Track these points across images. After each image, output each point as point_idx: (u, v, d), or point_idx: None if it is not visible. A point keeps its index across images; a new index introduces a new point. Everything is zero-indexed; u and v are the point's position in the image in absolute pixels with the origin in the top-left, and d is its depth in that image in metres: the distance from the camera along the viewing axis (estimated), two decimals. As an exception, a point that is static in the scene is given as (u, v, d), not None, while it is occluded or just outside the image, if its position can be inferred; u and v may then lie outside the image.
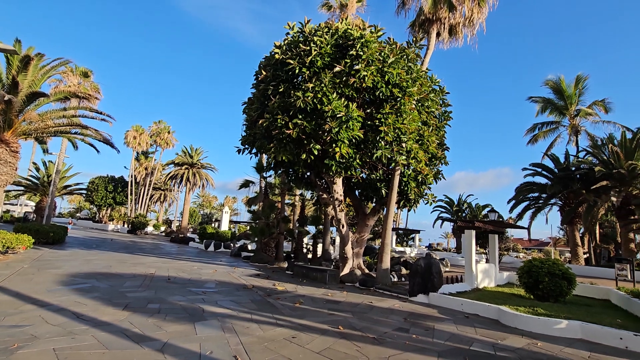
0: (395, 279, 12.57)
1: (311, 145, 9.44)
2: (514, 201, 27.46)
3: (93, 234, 30.22)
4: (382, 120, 9.31)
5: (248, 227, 33.18)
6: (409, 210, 14.44)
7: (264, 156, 17.53)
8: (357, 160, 10.30)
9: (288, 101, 9.29)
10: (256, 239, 18.38)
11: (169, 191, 53.52)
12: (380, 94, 9.41)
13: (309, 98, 8.89)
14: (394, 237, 34.82)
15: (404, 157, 9.98)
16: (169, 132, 42.93)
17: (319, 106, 8.94)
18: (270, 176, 18.74)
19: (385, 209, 11.84)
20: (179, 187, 42.54)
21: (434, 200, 12.28)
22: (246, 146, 12.24)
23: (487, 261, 13.56)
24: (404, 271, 14.67)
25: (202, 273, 11.12)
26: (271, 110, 9.69)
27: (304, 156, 9.71)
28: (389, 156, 9.66)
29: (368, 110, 9.95)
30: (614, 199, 21.41)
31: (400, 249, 32.84)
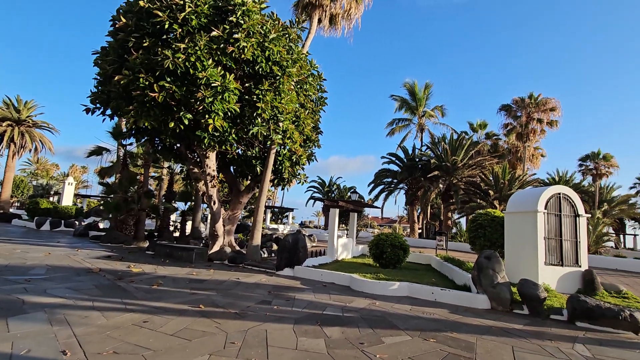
0: (266, 255, 12.92)
1: (181, 113, 8.57)
2: (372, 184, 31.64)
3: None
4: (260, 96, 9.15)
5: (102, 202, 28.26)
6: (282, 189, 14.97)
7: (124, 120, 15.07)
8: (233, 135, 9.93)
9: (154, 59, 8.10)
10: (110, 215, 15.88)
11: (-20, 153, 40.60)
12: (260, 69, 9.19)
13: (180, 60, 7.96)
14: (269, 215, 35.59)
15: (280, 137, 10.12)
16: (-20, 75, 32.03)
17: (191, 71, 8.11)
18: (131, 144, 16.26)
19: (259, 186, 11.88)
20: (-4, 149, 32.68)
21: (305, 180, 12.99)
22: (98, 105, 10.21)
23: (347, 236, 15.30)
24: (275, 247, 15.21)
25: (28, 257, 8.97)
26: (132, 66, 8.29)
27: (172, 124, 8.75)
28: (265, 134, 9.63)
29: (247, 85, 9.61)
30: (441, 185, 27.07)
31: (274, 226, 33.84)
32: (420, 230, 33.57)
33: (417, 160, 30.79)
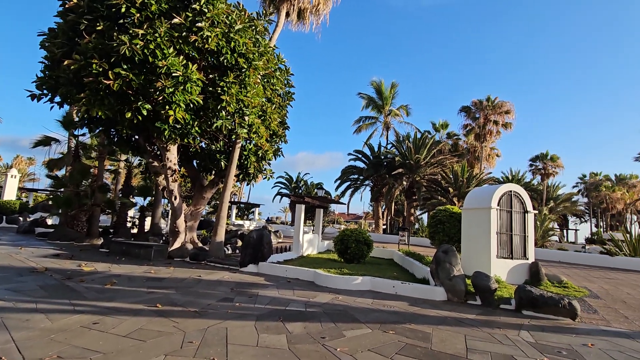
0: (230, 252, 12.65)
1: (139, 103, 8.11)
2: (339, 181, 31.99)
3: None
4: (225, 89, 8.89)
5: (51, 196, 26.18)
6: (248, 184, 14.68)
7: (75, 109, 14.02)
8: (196, 128, 9.58)
9: (109, 45, 7.58)
10: (60, 211, 14.79)
11: None
12: (225, 61, 8.92)
13: (138, 47, 7.51)
14: (234, 211, 34.89)
15: (245, 131, 9.92)
16: None
17: (150, 59, 7.69)
18: (84, 135, 15.17)
19: (224, 181, 11.58)
20: None
21: (272, 176, 12.85)
22: (45, 91, 9.41)
23: (313, 232, 15.37)
24: (240, 243, 14.94)
25: (-41, 257, 8.13)
26: (84, 50, 7.70)
27: (129, 115, 8.26)
28: (230, 127, 9.38)
29: (211, 76, 9.30)
30: (405, 183, 27.95)
31: (240, 222, 33.22)
32: (384, 226, 34.50)
33: (382, 157, 31.54)
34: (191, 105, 8.54)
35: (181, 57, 8.26)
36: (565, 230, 46.55)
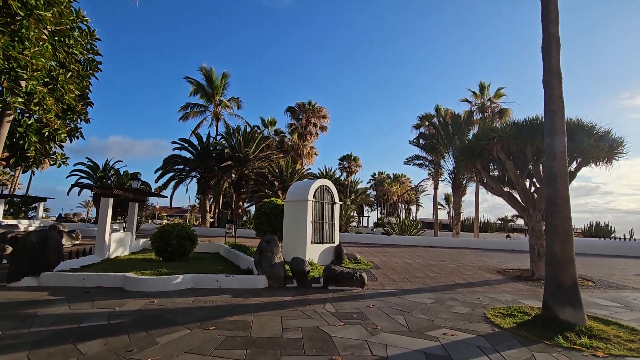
0: (-10, 263, 9.26)
1: None
2: (161, 171, 28.79)
3: None
4: (-16, 37, 6.34)
5: None
6: (25, 171, 11.08)
7: None
8: None
9: None
10: None
11: None
12: (-15, -2, 6.36)
13: None
14: (2, 207, 25.65)
15: (21, 100, 7.41)
16: None
17: None
18: None
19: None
20: None
21: (64, 162, 10.09)
22: None
23: (125, 230, 13.21)
24: (9, 251, 11.12)
25: None
26: None
27: None
28: (-9, 93, 6.78)
29: (-44, 14, 6.43)
30: (234, 175, 27.95)
31: (12, 222, 24.73)
32: (212, 219, 33.45)
33: (211, 148, 30.37)
34: None
35: None
36: (361, 217, 58.52)
